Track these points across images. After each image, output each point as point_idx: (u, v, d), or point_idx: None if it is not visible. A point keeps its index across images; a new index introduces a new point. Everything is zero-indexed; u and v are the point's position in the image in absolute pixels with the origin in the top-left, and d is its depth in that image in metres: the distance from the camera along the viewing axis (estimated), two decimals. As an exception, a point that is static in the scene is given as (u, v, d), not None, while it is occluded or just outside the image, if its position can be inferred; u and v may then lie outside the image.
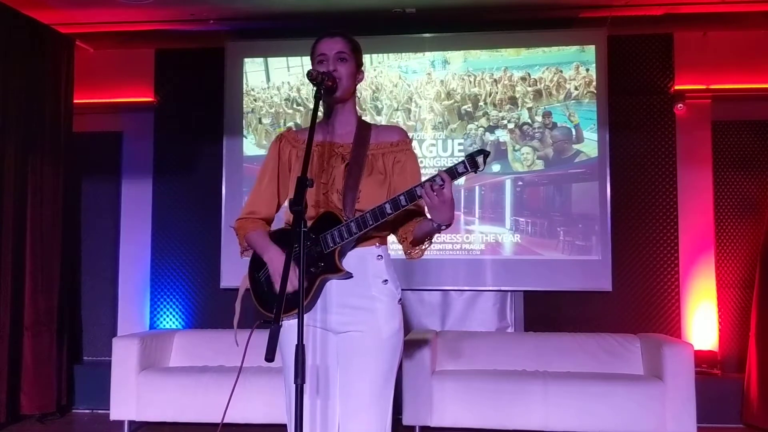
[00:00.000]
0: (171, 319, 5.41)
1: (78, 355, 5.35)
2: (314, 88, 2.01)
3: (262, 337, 1.79)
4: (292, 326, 1.93)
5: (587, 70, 5.07)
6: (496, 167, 5.06)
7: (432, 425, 4.18)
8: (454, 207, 1.97)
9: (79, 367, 5.12)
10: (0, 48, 4.48)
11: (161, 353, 4.67)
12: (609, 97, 5.03)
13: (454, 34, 5.22)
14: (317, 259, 2.02)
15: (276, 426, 3.87)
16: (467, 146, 5.11)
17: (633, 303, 5.01)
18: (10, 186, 4.55)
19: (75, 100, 5.18)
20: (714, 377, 4.68)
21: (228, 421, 4.12)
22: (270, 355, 1.67)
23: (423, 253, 2.16)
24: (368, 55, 5.21)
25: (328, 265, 2.02)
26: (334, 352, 2.09)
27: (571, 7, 4.93)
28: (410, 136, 2.39)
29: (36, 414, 4.66)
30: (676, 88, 5.09)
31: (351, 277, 2.04)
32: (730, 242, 5.03)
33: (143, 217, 5.48)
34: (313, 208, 2.05)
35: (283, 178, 2.21)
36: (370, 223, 1.98)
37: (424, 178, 2.02)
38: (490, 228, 5.08)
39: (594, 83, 5.05)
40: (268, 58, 5.36)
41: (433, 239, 2.14)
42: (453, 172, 1.93)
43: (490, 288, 5.09)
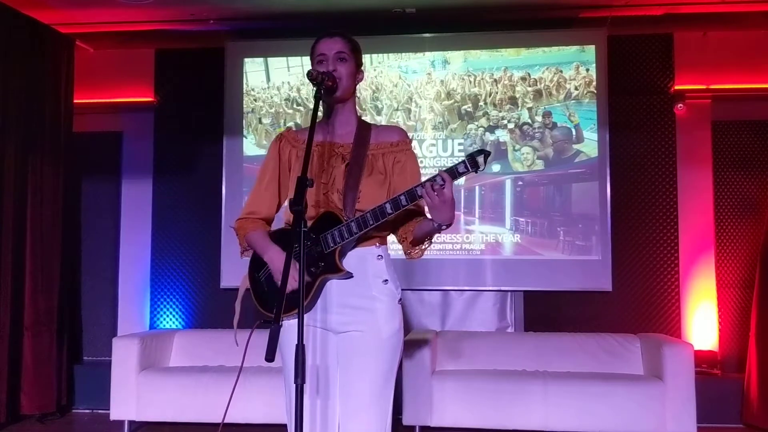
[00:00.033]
0: (171, 319, 5.41)
1: (78, 355, 5.35)
2: (314, 88, 2.01)
3: (262, 337, 1.79)
4: (292, 326, 1.93)
5: (587, 70, 5.07)
6: (496, 167, 5.06)
7: (432, 425, 4.18)
8: (455, 207, 1.97)
9: (79, 367, 5.12)
10: (0, 48, 4.48)
11: (161, 353, 4.67)
12: (609, 97, 5.03)
13: (454, 34, 5.22)
14: (317, 259, 2.02)
15: (276, 426, 3.87)
16: (467, 146, 5.11)
17: (633, 303, 5.01)
18: (10, 186, 4.55)
19: (75, 100, 5.18)
20: (714, 377, 4.68)
21: (228, 421, 4.11)
22: (270, 355, 1.67)
23: (423, 253, 2.16)
24: (368, 55, 5.21)
25: (329, 265, 2.02)
26: (334, 352, 2.09)
27: (571, 7, 4.93)
28: (410, 136, 2.39)
29: (36, 414, 4.66)
30: (676, 88, 5.09)
31: (351, 276, 2.04)
32: (730, 242, 5.03)
33: (143, 217, 5.48)
34: (314, 208, 2.05)
35: (284, 178, 2.21)
36: (371, 223, 1.98)
37: (424, 179, 2.02)
38: (490, 228, 5.08)
39: (594, 83, 5.05)
40: (268, 58, 5.36)
41: (433, 239, 2.14)
42: (453, 172, 1.93)
43: (490, 288, 5.09)
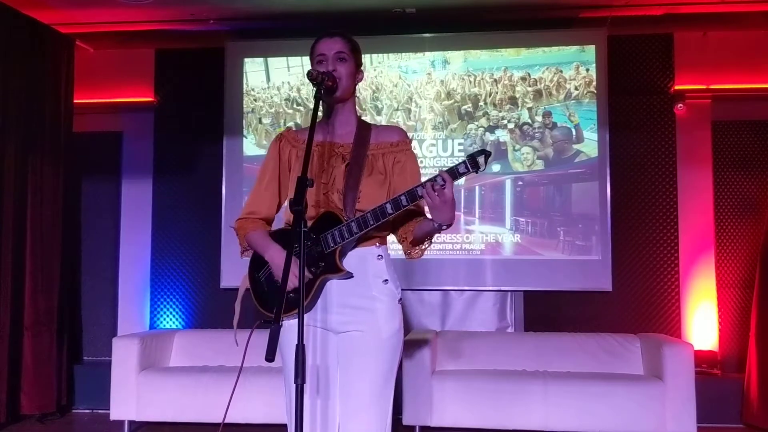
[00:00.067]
0: (171, 319, 5.41)
1: (78, 355, 5.35)
2: (314, 88, 2.01)
3: (262, 337, 1.79)
4: (292, 326, 1.93)
5: (587, 70, 5.07)
6: (496, 167, 5.06)
7: (432, 425, 4.18)
8: (455, 207, 1.97)
9: (79, 367, 5.12)
10: (0, 48, 4.48)
11: (161, 353, 4.67)
12: (609, 97, 5.03)
13: (454, 34, 5.22)
14: (318, 258, 2.02)
15: (276, 426, 3.87)
16: (467, 146, 5.11)
17: (633, 303, 5.01)
18: (10, 186, 4.55)
19: (75, 100, 5.17)
20: (714, 377, 4.68)
21: (228, 421, 4.11)
22: (270, 355, 1.67)
23: (423, 253, 2.16)
24: (368, 55, 5.21)
25: (329, 265, 2.02)
26: (335, 352, 2.09)
27: (571, 7, 4.93)
28: (410, 136, 2.38)
29: (36, 414, 4.66)
30: (676, 88, 5.09)
31: (351, 276, 2.04)
32: (730, 242, 5.03)
33: (143, 217, 5.48)
34: (314, 208, 2.05)
35: (284, 178, 2.21)
36: (371, 223, 1.98)
37: (423, 179, 2.02)
38: (490, 228, 5.08)
39: (594, 83, 5.05)
40: (268, 58, 5.36)
41: (432, 239, 2.14)
42: (454, 172, 1.93)
43: (490, 288, 5.09)
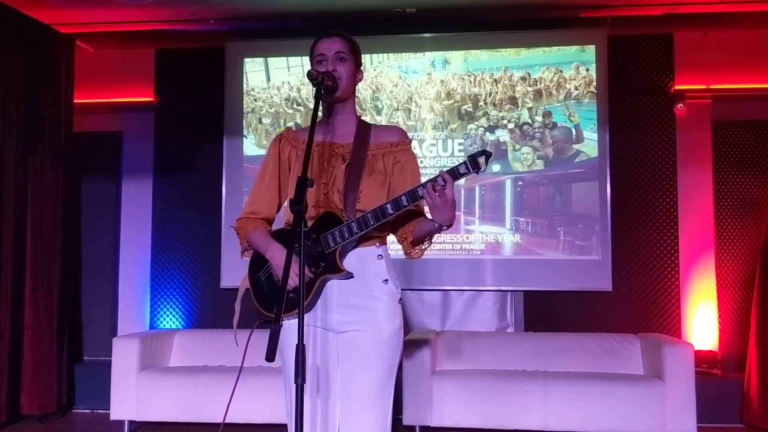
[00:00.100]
0: (171, 319, 5.41)
1: (78, 354, 5.35)
2: (314, 88, 2.01)
3: (262, 337, 1.79)
4: (292, 326, 1.93)
5: (587, 70, 5.07)
6: (496, 167, 5.06)
7: (432, 425, 4.18)
8: (455, 207, 1.97)
9: (79, 367, 5.12)
10: (0, 48, 4.48)
11: (161, 353, 4.67)
12: (609, 97, 5.03)
13: (454, 34, 5.21)
14: (318, 258, 2.02)
15: (276, 426, 3.87)
16: (467, 146, 5.11)
17: (633, 303, 5.01)
18: (10, 186, 4.55)
19: (75, 100, 5.17)
20: (714, 377, 4.68)
21: (228, 421, 4.11)
22: (270, 355, 1.67)
23: (423, 253, 2.16)
24: (368, 55, 5.21)
25: (329, 265, 2.02)
26: (335, 352, 2.09)
27: (571, 7, 4.92)
28: (410, 136, 2.38)
29: (36, 414, 4.66)
30: (676, 88, 5.09)
31: (352, 277, 2.04)
32: (730, 242, 5.03)
33: (143, 217, 5.48)
34: (314, 208, 2.05)
35: (284, 178, 2.21)
36: (372, 224, 1.98)
37: (424, 179, 2.02)
38: (490, 228, 5.08)
39: (594, 83, 5.05)
40: (268, 58, 5.36)
41: (432, 239, 2.14)
42: (455, 173, 1.93)
43: (490, 288, 5.09)
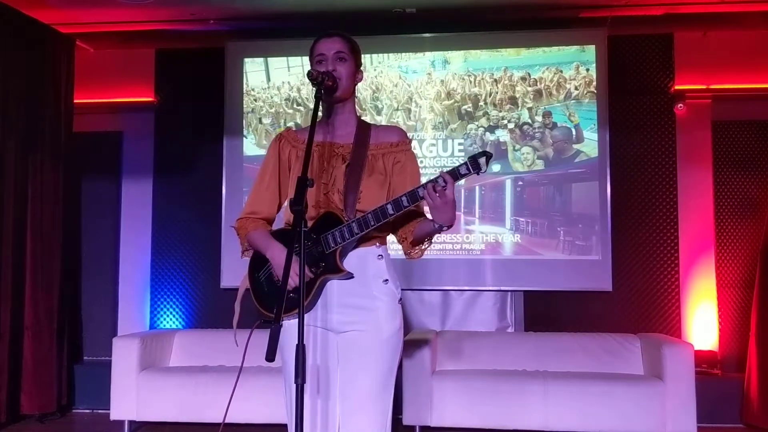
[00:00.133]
0: (171, 319, 5.41)
1: (78, 354, 5.35)
2: (314, 88, 2.01)
3: (262, 337, 1.79)
4: (292, 326, 1.93)
5: (587, 70, 5.07)
6: (496, 167, 5.05)
7: (432, 425, 4.18)
8: (456, 208, 1.97)
9: (79, 367, 5.12)
10: (0, 48, 4.48)
11: (161, 353, 4.67)
12: (609, 97, 5.03)
13: (454, 34, 5.21)
14: (318, 259, 2.02)
15: (276, 426, 3.87)
16: (467, 146, 5.11)
17: (633, 303, 5.01)
18: (10, 186, 4.55)
19: (75, 100, 5.17)
20: (714, 377, 4.68)
21: (228, 421, 4.11)
22: (270, 355, 1.67)
23: (423, 254, 2.16)
24: (368, 55, 5.20)
25: (329, 266, 2.02)
26: (335, 352, 2.09)
27: (571, 7, 4.92)
28: (410, 136, 2.39)
29: (36, 414, 4.66)
30: (676, 88, 5.09)
31: (352, 277, 2.04)
32: (730, 242, 5.03)
33: (143, 217, 5.48)
34: (314, 209, 2.05)
35: (284, 177, 2.21)
36: (372, 224, 1.98)
37: (424, 179, 2.02)
38: (490, 228, 5.08)
39: (594, 83, 5.05)
40: (268, 58, 5.36)
41: (432, 239, 2.14)
42: (455, 174, 1.93)
43: (490, 288, 5.09)
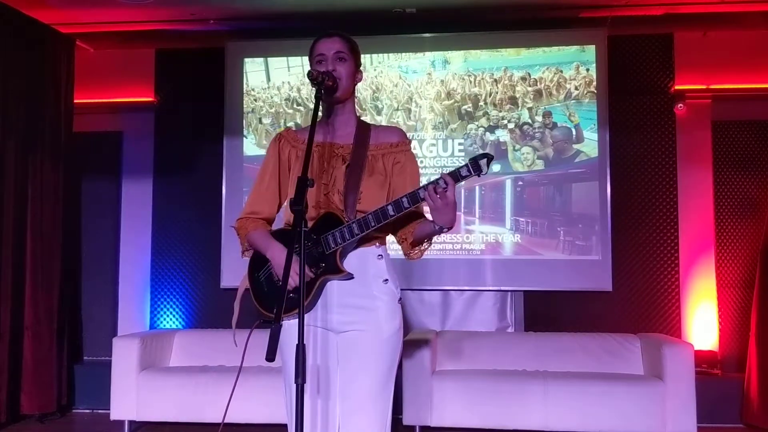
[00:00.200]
0: (171, 319, 5.41)
1: (78, 354, 5.35)
2: (314, 88, 2.01)
3: (262, 337, 1.79)
4: (292, 326, 1.93)
5: (587, 70, 5.07)
6: (496, 167, 5.05)
7: (432, 425, 4.19)
8: (456, 209, 1.97)
9: (80, 367, 5.12)
10: (0, 48, 4.48)
11: (161, 353, 4.67)
12: (609, 97, 5.03)
13: (454, 34, 5.21)
14: (318, 259, 2.02)
15: (276, 426, 3.87)
16: (467, 146, 5.11)
17: (633, 303, 5.01)
18: (10, 186, 4.55)
19: (75, 100, 5.17)
20: (714, 377, 4.68)
21: (228, 421, 4.11)
22: (270, 355, 1.67)
23: (422, 254, 2.17)
24: (368, 55, 5.21)
25: (330, 266, 2.02)
26: (335, 352, 2.09)
27: (571, 7, 4.92)
28: (410, 136, 2.39)
29: (36, 414, 4.66)
30: (676, 88, 5.09)
31: (352, 278, 2.04)
32: (730, 242, 5.03)
33: (143, 217, 5.48)
34: (314, 209, 2.05)
35: (283, 178, 2.20)
36: (372, 225, 1.99)
37: (424, 178, 2.02)
38: (491, 228, 5.08)
39: (594, 83, 5.05)
40: (268, 58, 5.36)
41: (432, 240, 2.14)
42: (456, 175, 1.93)
43: (490, 288, 5.09)
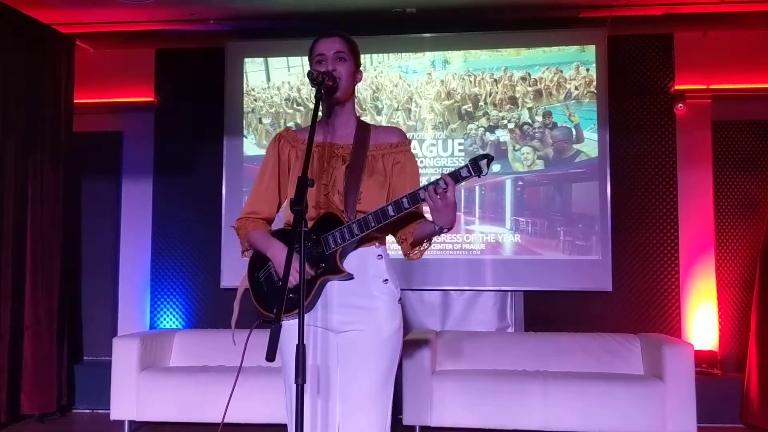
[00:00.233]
0: (171, 319, 5.41)
1: (78, 354, 5.35)
2: (314, 88, 2.01)
3: (261, 337, 1.79)
4: (292, 326, 1.93)
5: (587, 70, 5.07)
6: (496, 167, 5.05)
7: (432, 425, 4.19)
8: (456, 210, 1.97)
9: (80, 367, 5.12)
10: (0, 48, 4.48)
11: (161, 353, 4.68)
12: (609, 97, 5.03)
13: (454, 34, 5.21)
14: (318, 259, 2.02)
15: (276, 426, 3.87)
16: (467, 146, 5.11)
17: (633, 303, 5.01)
18: (10, 186, 4.55)
19: (75, 100, 5.17)
20: (714, 377, 4.68)
21: (228, 421, 4.11)
22: (270, 355, 1.67)
23: (422, 255, 2.17)
24: (368, 55, 5.20)
25: (329, 266, 2.02)
26: (335, 352, 2.09)
27: (571, 7, 4.92)
28: (410, 136, 2.39)
29: (36, 414, 4.66)
30: (676, 88, 5.09)
31: (352, 278, 2.04)
32: (730, 242, 5.03)
33: (143, 217, 5.48)
34: (314, 209, 2.05)
35: (283, 178, 2.20)
36: (373, 225, 1.99)
37: (424, 179, 2.02)
38: (491, 228, 5.08)
39: (594, 83, 5.05)
40: (268, 58, 5.36)
41: (432, 241, 2.14)
42: (456, 176, 1.94)
43: (490, 288, 5.09)
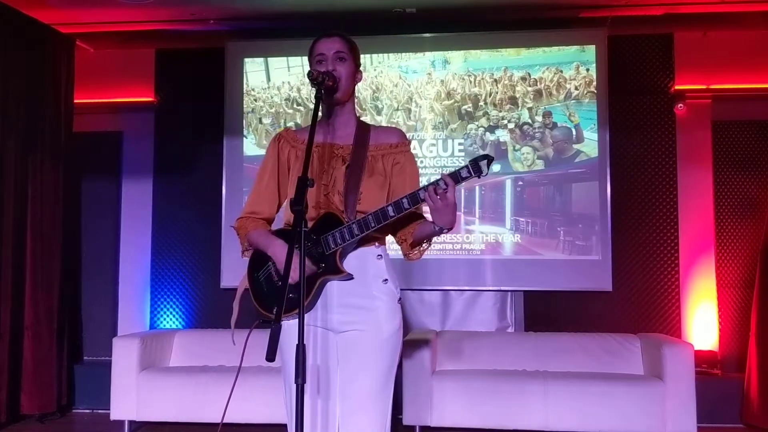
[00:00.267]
0: (171, 319, 5.41)
1: (78, 354, 5.35)
2: (314, 88, 2.01)
3: (261, 337, 1.79)
4: (292, 326, 1.94)
5: (587, 70, 5.07)
6: (496, 167, 5.05)
7: (432, 425, 4.19)
8: (456, 210, 1.97)
9: (79, 367, 5.12)
10: (0, 48, 4.48)
11: (161, 353, 4.68)
12: (609, 97, 5.03)
13: (454, 34, 5.21)
14: (318, 260, 2.02)
15: (276, 426, 3.87)
16: (467, 146, 5.11)
17: (633, 303, 5.01)
18: (10, 186, 4.55)
19: (75, 100, 5.17)
20: (714, 377, 4.68)
21: (228, 421, 4.12)
22: (271, 355, 1.67)
23: (422, 255, 2.17)
24: (368, 55, 5.20)
25: (329, 267, 2.02)
26: (335, 352, 2.09)
27: (571, 7, 4.92)
28: (410, 136, 2.39)
29: (36, 414, 4.66)
30: (676, 88, 5.09)
31: (352, 278, 2.04)
32: (730, 242, 5.03)
33: (143, 217, 5.48)
34: (314, 209, 2.05)
35: (283, 178, 2.21)
36: (373, 226, 1.99)
37: (424, 179, 2.02)
38: (491, 228, 5.08)
39: (594, 83, 5.05)
40: (268, 58, 5.36)
41: (432, 241, 2.14)
42: (457, 176, 1.94)
43: (490, 288, 5.09)
